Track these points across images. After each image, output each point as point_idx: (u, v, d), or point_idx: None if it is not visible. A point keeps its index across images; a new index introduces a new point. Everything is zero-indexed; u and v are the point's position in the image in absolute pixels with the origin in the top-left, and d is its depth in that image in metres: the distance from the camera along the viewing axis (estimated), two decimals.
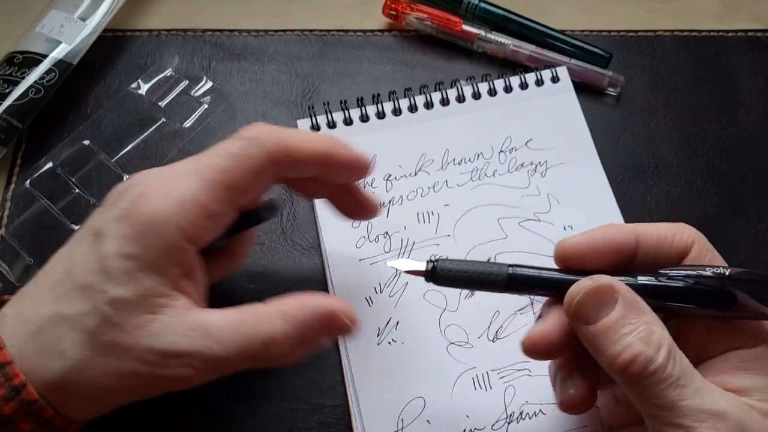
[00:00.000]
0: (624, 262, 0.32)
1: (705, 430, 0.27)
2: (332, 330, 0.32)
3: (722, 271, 0.30)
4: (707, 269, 0.30)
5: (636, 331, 0.28)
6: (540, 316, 0.33)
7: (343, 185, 0.37)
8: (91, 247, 0.30)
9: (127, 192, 0.31)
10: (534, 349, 0.32)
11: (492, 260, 0.42)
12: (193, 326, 0.29)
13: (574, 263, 0.32)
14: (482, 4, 0.52)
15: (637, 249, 0.31)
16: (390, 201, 0.44)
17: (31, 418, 0.29)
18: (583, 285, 0.29)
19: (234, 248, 0.37)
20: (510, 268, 0.32)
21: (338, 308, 0.32)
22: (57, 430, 0.30)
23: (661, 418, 0.28)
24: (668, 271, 0.30)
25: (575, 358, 0.32)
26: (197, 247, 0.31)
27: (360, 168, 0.35)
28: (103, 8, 0.49)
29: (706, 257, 0.31)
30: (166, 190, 0.30)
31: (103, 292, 0.29)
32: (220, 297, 0.33)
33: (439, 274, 0.32)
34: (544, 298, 0.34)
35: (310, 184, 0.37)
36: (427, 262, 0.32)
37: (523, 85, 0.48)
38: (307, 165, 0.33)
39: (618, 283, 0.29)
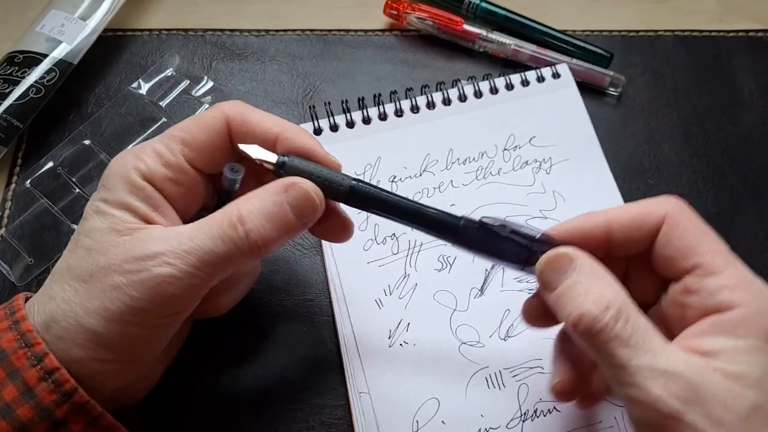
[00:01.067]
0: (600, 248, 0.33)
1: (655, 388, 0.27)
2: (293, 198, 0.32)
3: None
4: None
5: (587, 293, 0.29)
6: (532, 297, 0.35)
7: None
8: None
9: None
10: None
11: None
12: (164, 233, 0.31)
13: None
14: (483, 4, 0.52)
15: (610, 235, 0.32)
16: None
17: (81, 418, 0.30)
18: (544, 255, 0.32)
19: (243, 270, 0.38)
20: (354, 182, 0.33)
21: (300, 180, 0.33)
22: (104, 429, 0.31)
23: (615, 377, 0.28)
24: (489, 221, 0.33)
25: (561, 343, 0.35)
26: (169, 200, 0.33)
27: (313, 152, 0.34)
28: (104, 8, 0.49)
29: (677, 230, 0.31)
30: (134, 148, 0.34)
31: (80, 231, 0.32)
32: None
33: (287, 169, 0.33)
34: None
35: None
36: (278, 155, 0.33)
37: (525, 82, 0.48)
38: (258, 136, 0.34)
39: (576, 251, 0.31)
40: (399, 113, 0.47)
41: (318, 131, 0.46)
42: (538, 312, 0.34)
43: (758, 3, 0.54)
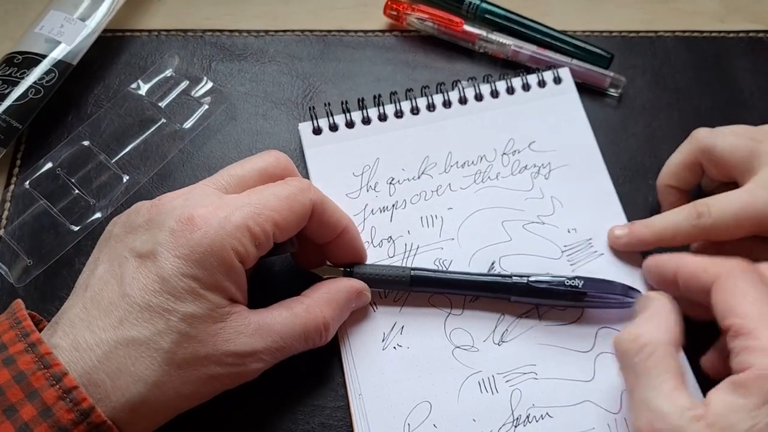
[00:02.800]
0: (671, 288, 0.38)
1: (640, 421, 0.31)
2: (358, 303, 0.39)
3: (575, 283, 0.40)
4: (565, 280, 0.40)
5: (637, 324, 0.35)
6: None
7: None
8: (143, 267, 0.32)
9: (172, 213, 0.33)
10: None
11: (496, 263, 0.42)
12: (257, 327, 0.34)
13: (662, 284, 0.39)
14: (483, 5, 0.52)
15: (675, 278, 0.37)
16: (393, 205, 0.44)
17: None
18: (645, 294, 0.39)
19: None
20: (413, 271, 0.40)
21: (362, 286, 0.39)
22: None
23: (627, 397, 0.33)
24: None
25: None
26: (246, 267, 0.34)
27: (359, 255, 0.40)
28: (103, 8, 0.49)
29: (719, 295, 0.34)
30: (221, 216, 0.33)
31: (173, 311, 0.31)
32: None
33: (354, 274, 0.40)
34: (548, 305, 0.41)
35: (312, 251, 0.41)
36: (345, 269, 0.40)
37: (526, 87, 0.48)
38: (329, 229, 0.38)
39: (657, 294, 0.37)
40: (399, 114, 0.47)
41: (317, 131, 0.46)
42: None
43: (759, 3, 0.54)
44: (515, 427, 0.38)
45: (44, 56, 0.47)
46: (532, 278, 0.40)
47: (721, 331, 0.33)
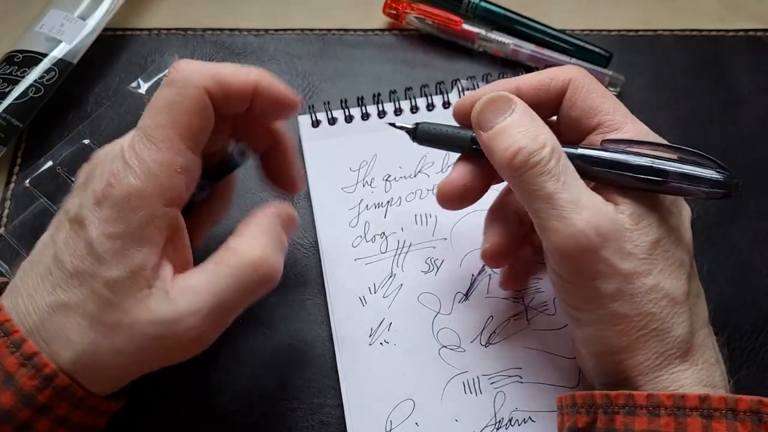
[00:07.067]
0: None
1: (578, 221, 0.30)
2: (290, 228, 0.35)
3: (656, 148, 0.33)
4: (646, 145, 0.33)
5: (525, 131, 0.32)
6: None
7: (279, 144, 0.37)
8: (74, 233, 0.31)
9: (95, 173, 0.31)
10: (444, 198, 0.37)
11: (487, 267, 0.42)
12: (181, 290, 0.30)
13: (468, 120, 0.35)
14: (483, 4, 0.52)
15: (519, 96, 0.34)
16: (388, 202, 0.44)
17: (66, 401, 0.30)
18: (484, 96, 0.34)
19: (215, 197, 0.37)
20: (473, 132, 0.35)
21: (288, 208, 0.36)
22: (90, 408, 0.31)
23: (543, 210, 0.31)
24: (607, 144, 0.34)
25: (495, 215, 0.38)
26: (178, 207, 0.32)
27: (287, 100, 0.35)
28: (103, 7, 0.49)
29: (581, 93, 0.34)
30: (133, 164, 0.30)
31: (97, 276, 0.30)
32: None
33: (419, 133, 0.37)
34: (537, 309, 0.41)
35: (251, 129, 0.37)
36: (414, 123, 0.37)
37: None
38: (241, 95, 0.33)
39: (514, 96, 0.34)
40: (398, 112, 0.47)
41: (316, 123, 0.46)
42: (456, 189, 0.36)
43: (758, 3, 0.54)
44: (497, 429, 0.38)
45: (45, 55, 0.47)
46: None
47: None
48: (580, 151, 0.33)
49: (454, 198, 0.37)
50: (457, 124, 0.37)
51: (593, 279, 0.31)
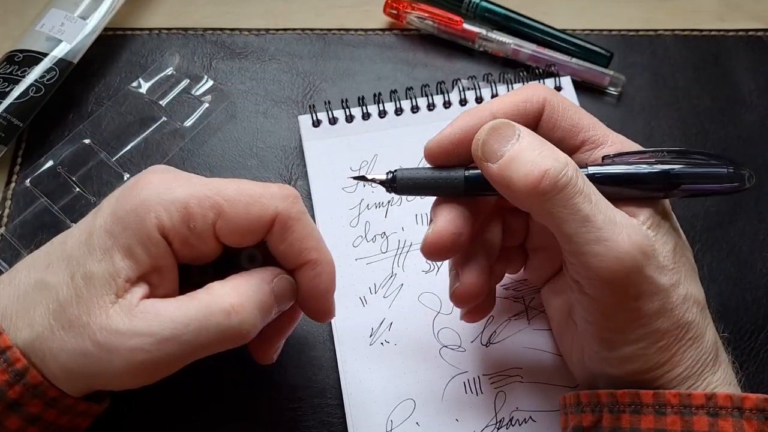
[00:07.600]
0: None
1: (621, 241, 0.28)
2: (279, 286, 0.33)
3: (662, 154, 0.32)
4: (647, 154, 0.32)
5: (542, 153, 0.29)
6: (430, 221, 0.34)
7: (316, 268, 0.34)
8: (89, 220, 0.31)
9: (138, 175, 0.32)
10: (435, 251, 0.33)
11: None
12: (147, 309, 0.29)
13: (444, 160, 0.33)
14: (483, 3, 0.52)
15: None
16: (389, 201, 0.44)
17: (38, 399, 0.30)
18: (486, 125, 0.31)
19: (284, 312, 0.35)
20: (467, 171, 0.33)
21: (277, 270, 0.33)
22: (65, 408, 0.31)
23: (579, 235, 0.29)
24: (612, 158, 0.32)
25: (467, 253, 0.34)
26: (176, 256, 0.31)
27: (320, 301, 0.34)
28: (104, 7, 0.49)
29: (559, 112, 0.33)
30: (167, 185, 0.31)
31: (80, 264, 0.30)
32: None
33: (398, 181, 0.33)
34: (538, 309, 0.40)
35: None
36: (387, 173, 0.33)
37: None
38: (291, 255, 0.33)
39: (512, 121, 0.31)
40: (398, 112, 0.47)
41: (316, 123, 0.46)
42: (444, 243, 0.33)
43: (759, 2, 0.54)
44: (498, 429, 0.38)
45: (45, 54, 0.47)
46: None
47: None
48: (591, 170, 0.31)
49: (447, 249, 0.33)
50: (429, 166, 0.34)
51: (637, 299, 0.29)
